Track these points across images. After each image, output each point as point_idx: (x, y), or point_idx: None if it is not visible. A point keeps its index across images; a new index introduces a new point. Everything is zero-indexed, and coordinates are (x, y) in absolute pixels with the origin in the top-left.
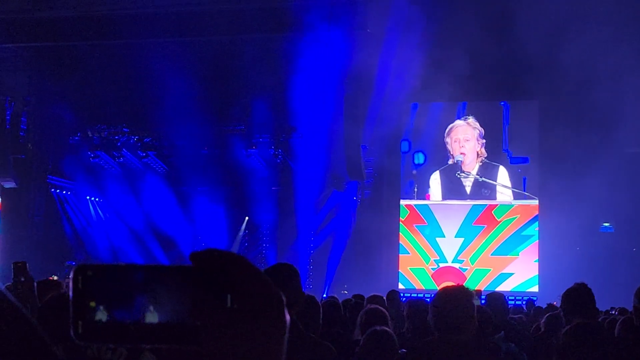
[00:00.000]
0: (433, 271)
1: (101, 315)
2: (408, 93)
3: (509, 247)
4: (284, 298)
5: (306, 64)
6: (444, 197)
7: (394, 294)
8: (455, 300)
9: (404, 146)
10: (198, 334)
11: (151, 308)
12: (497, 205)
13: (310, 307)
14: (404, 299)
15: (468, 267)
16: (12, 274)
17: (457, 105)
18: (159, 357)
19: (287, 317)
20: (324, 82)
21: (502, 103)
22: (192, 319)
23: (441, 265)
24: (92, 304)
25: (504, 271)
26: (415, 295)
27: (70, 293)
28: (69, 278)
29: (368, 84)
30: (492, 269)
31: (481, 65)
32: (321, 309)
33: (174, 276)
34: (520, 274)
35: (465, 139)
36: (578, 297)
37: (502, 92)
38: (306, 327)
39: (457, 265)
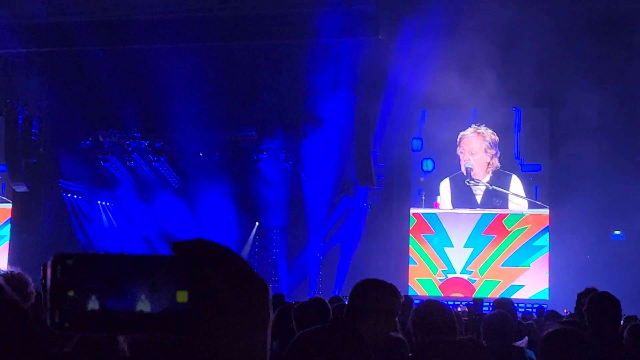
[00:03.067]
0: (441, 282)
1: (93, 304)
2: (419, 99)
3: (520, 257)
4: (269, 288)
5: (317, 70)
6: (454, 206)
7: (409, 300)
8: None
9: (416, 144)
10: (187, 323)
11: (142, 297)
12: (507, 214)
13: (320, 310)
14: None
15: (477, 279)
16: (42, 275)
17: (468, 112)
18: (149, 347)
19: (271, 307)
20: (335, 88)
21: (514, 109)
22: (180, 307)
23: (449, 276)
24: (71, 293)
25: (514, 283)
26: (417, 301)
27: (48, 281)
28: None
29: (379, 90)
30: (502, 280)
31: (492, 71)
32: (330, 312)
33: (160, 265)
34: (531, 285)
35: (470, 152)
36: (603, 303)
37: (513, 98)
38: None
39: (465, 277)
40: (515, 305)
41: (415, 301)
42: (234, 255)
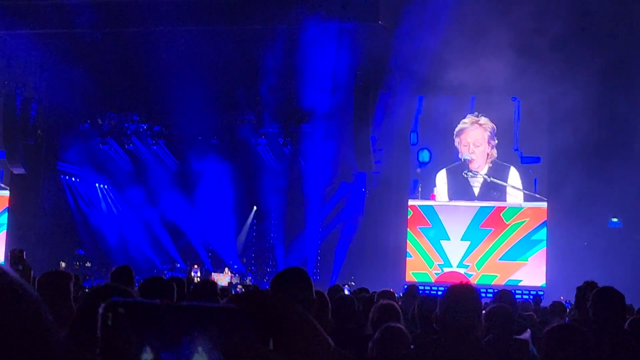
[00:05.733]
0: (437, 276)
1: (147, 356)
2: (417, 85)
3: (518, 252)
4: (332, 343)
5: (317, 54)
6: (451, 198)
7: (414, 290)
8: (463, 300)
9: (412, 138)
10: None
11: (200, 349)
12: (505, 207)
13: (320, 303)
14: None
15: (474, 273)
16: (10, 261)
17: (466, 100)
18: None
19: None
20: (335, 73)
21: (514, 99)
22: None
23: (445, 270)
24: (126, 345)
25: (511, 277)
26: (426, 288)
27: (99, 330)
28: (98, 314)
29: (378, 75)
30: (499, 275)
31: (492, 59)
32: (329, 304)
33: (216, 317)
34: (528, 281)
35: (475, 144)
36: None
37: (513, 87)
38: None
39: (462, 271)
40: (512, 292)
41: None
42: (293, 309)
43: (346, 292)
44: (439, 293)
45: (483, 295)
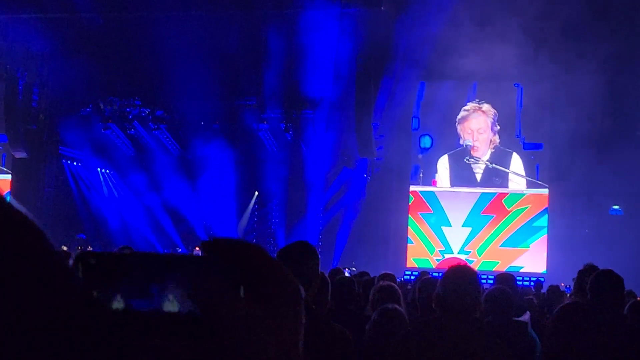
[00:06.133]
0: (438, 262)
1: (117, 304)
2: (419, 71)
3: (520, 238)
4: (302, 291)
5: (320, 40)
6: (453, 184)
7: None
8: (462, 280)
9: (414, 123)
10: (212, 327)
11: (170, 297)
12: (507, 193)
13: (319, 283)
14: (412, 277)
15: (475, 259)
16: None
17: (468, 85)
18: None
19: (303, 316)
20: (337, 58)
21: (516, 85)
22: (205, 311)
23: (446, 256)
24: (94, 294)
25: (513, 264)
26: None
27: None
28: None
29: (380, 61)
30: (500, 261)
31: (495, 45)
32: (330, 285)
33: (186, 265)
34: (529, 267)
35: (479, 131)
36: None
37: (515, 73)
38: (316, 304)
39: (463, 257)
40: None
41: (414, 273)
42: (265, 257)
43: (346, 274)
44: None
45: (484, 281)
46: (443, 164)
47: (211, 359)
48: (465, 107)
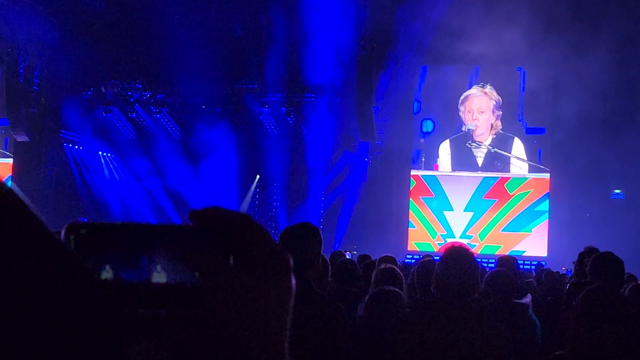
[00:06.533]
0: (439, 247)
1: (107, 275)
2: (420, 55)
3: (521, 223)
4: (291, 260)
5: (321, 23)
6: (454, 169)
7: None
8: (460, 261)
9: (416, 107)
10: (202, 297)
11: (158, 268)
12: (509, 178)
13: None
14: (413, 260)
15: (477, 243)
16: None
17: (470, 70)
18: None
19: (293, 280)
20: (338, 42)
21: (519, 69)
22: (197, 280)
23: (448, 240)
24: (86, 264)
25: (515, 248)
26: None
27: None
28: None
29: (382, 45)
30: (502, 245)
31: (498, 29)
32: (330, 267)
33: (176, 235)
34: (531, 252)
35: (479, 110)
36: (607, 263)
37: (518, 57)
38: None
39: (465, 241)
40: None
41: (415, 257)
42: (254, 225)
43: (348, 257)
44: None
45: (485, 265)
46: (445, 149)
47: (200, 329)
48: (469, 90)
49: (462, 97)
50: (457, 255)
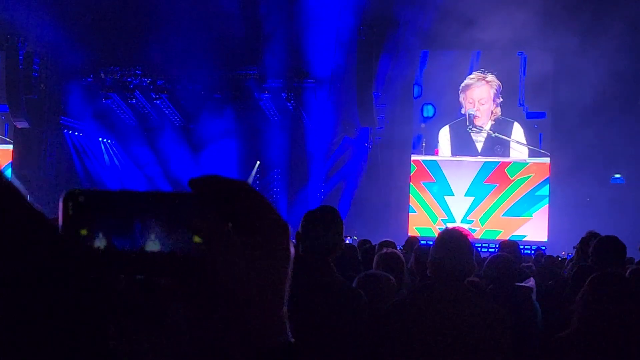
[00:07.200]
0: (440, 232)
1: (99, 243)
2: (421, 40)
3: (522, 207)
4: (288, 227)
5: (321, 8)
6: (454, 154)
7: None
8: (454, 243)
9: (416, 91)
10: (200, 265)
11: (152, 236)
12: (510, 162)
13: (327, 213)
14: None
15: (478, 228)
16: None
17: (471, 55)
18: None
19: (292, 248)
20: (338, 27)
21: (520, 54)
22: (193, 248)
23: (449, 225)
24: (84, 231)
25: (515, 233)
26: (429, 243)
27: (60, 219)
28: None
29: (382, 30)
30: (503, 230)
31: (499, 13)
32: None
33: (174, 203)
34: (532, 236)
35: (481, 102)
36: (610, 246)
37: (519, 42)
38: None
39: (466, 226)
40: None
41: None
42: (252, 192)
43: (348, 242)
44: None
45: (485, 250)
46: (444, 135)
47: (197, 296)
48: (470, 76)
49: (462, 85)
50: (451, 238)
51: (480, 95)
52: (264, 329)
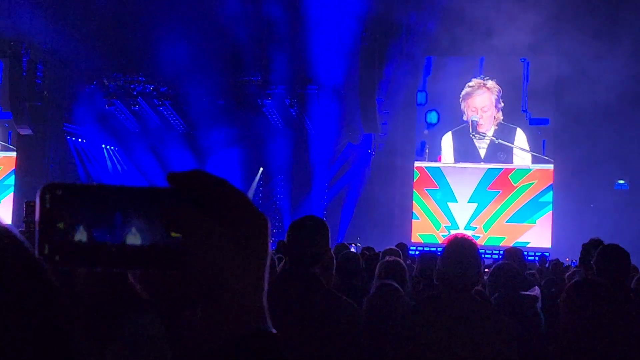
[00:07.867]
0: (444, 238)
1: (80, 236)
2: (425, 46)
3: (526, 214)
4: (268, 222)
5: (324, 14)
6: (456, 161)
7: (404, 247)
8: (462, 250)
9: (420, 97)
10: (179, 258)
11: (133, 230)
12: (513, 169)
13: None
14: (417, 252)
15: (481, 235)
16: (25, 213)
17: (474, 61)
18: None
19: (269, 243)
20: (342, 33)
21: (522, 60)
22: (173, 241)
23: (452, 232)
24: (61, 225)
25: (519, 240)
26: (427, 249)
27: (37, 213)
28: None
29: (385, 36)
30: (506, 237)
31: (502, 19)
32: (334, 260)
33: (154, 197)
34: (535, 243)
35: (483, 109)
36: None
37: (522, 48)
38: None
39: (469, 233)
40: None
41: (419, 248)
42: (231, 188)
43: (352, 250)
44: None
45: (489, 256)
46: (447, 142)
47: (178, 285)
48: (470, 84)
49: (463, 93)
50: (459, 247)
51: (482, 102)
52: (241, 315)
